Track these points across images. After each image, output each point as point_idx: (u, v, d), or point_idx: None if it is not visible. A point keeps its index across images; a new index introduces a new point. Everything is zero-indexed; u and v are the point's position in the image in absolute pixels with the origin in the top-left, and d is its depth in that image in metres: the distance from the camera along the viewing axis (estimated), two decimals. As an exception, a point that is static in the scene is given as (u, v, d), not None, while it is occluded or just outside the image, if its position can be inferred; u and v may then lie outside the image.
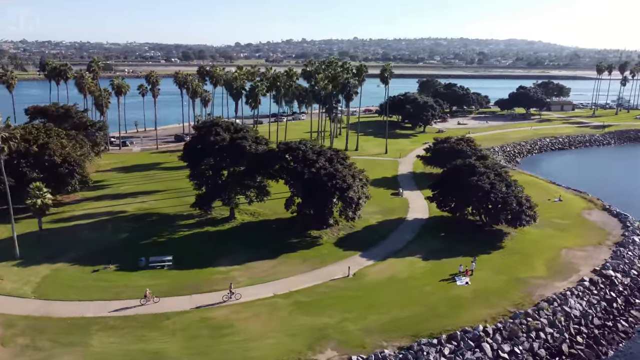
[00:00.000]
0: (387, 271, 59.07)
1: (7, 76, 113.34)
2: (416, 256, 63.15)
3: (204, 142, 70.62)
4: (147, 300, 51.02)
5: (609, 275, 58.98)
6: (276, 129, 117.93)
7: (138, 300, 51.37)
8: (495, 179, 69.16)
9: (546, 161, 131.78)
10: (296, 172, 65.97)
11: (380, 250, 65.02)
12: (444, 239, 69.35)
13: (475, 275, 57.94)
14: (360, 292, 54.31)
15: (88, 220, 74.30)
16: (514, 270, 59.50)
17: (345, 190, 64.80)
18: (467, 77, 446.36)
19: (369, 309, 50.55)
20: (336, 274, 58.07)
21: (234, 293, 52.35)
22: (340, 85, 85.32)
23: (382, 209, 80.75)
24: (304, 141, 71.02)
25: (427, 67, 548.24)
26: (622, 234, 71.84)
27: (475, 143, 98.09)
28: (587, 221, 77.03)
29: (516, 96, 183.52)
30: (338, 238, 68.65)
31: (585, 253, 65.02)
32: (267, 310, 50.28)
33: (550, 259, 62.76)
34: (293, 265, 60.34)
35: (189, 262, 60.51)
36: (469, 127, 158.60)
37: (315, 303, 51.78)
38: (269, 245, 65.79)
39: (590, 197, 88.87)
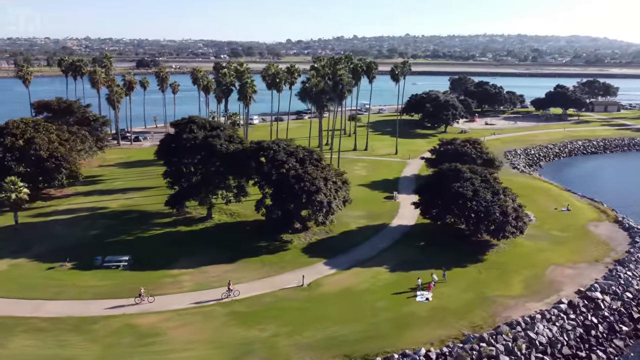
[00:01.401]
0: (345, 282, 55.17)
1: (23, 71, 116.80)
2: (384, 266, 58.83)
3: (178, 139, 68.90)
4: (141, 299, 49.95)
5: (594, 297, 52.55)
6: (277, 128, 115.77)
7: (76, 301, 50.22)
8: (480, 186, 63.58)
9: (574, 166, 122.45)
10: (265, 172, 63.01)
11: (348, 258, 61.08)
12: (422, 248, 64.51)
13: (440, 291, 53.12)
14: (308, 304, 50.78)
15: (67, 215, 74.32)
16: (485, 287, 54.15)
17: (312, 193, 61.26)
18: (516, 75, 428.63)
19: (309, 323, 47.01)
20: (290, 283, 54.76)
21: (232, 290, 51.29)
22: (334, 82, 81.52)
23: (368, 214, 76.54)
24: (277, 140, 68.05)
25: (476, 64, 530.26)
26: (627, 250, 64.50)
27: (483, 145, 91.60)
28: (590, 234, 69.81)
29: (552, 95, 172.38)
30: (308, 243, 65.24)
31: (575, 271, 58.54)
32: (201, 319, 47.71)
33: (532, 276, 56.82)
34: (249, 271, 57.54)
35: (146, 263, 58.94)
36: (496, 128, 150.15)
37: (254, 314, 48.74)
38: (234, 247, 63.36)
39: (604, 207, 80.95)
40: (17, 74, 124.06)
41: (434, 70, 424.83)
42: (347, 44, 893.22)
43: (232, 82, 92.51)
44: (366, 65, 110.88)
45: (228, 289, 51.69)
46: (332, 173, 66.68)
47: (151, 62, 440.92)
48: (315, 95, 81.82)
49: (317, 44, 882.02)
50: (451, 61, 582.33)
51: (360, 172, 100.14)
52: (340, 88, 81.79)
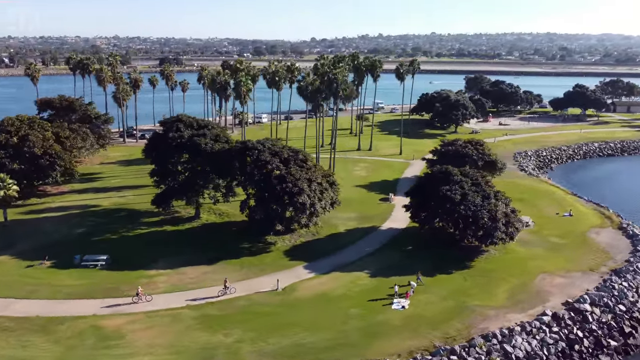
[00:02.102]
0: (321, 287, 53.60)
1: (31, 69, 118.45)
2: (365, 271, 57.05)
3: (165, 138, 68.33)
4: (138, 298, 49.69)
5: (582, 309, 49.74)
6: (287, 126, 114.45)
7: (48, 300, 49.95)
8: (470, 189, 61.14)
9: (587, 169, 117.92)
10: (247, 173, 61.85)
11: (330, 262, 59.44)
12: (408, 253, 62.51)
13: (419, 298, 51.11)
14: (279, 309, 49.41)
15: (58, 213, 74.57)
16: (467, 295, 51.88)
17: (295, 194, 59.80)
18: (542, 74, 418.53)
19: (277, 329, 45.63)
20: (266, 286, 53.49)
21: (228, 287, 51.34)
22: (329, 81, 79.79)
23: (360, 216, 74.73)
24: (263, 140, 66.86)
25: (501, 63, 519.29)
26: (627, 259, 61.20)
27: (485, 147, 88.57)
28: (590, 241, 66.55)
29: (571, 95, 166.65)
30: (292, 246, 63.86)
31: (567, 280, 55.68)
32: (168, 322, 46.78)
33: (518, 285, 54.24)
34: (227, 273, 56.29)
35: (125, 263, 58.46)
36: (509, 129, 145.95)
37: (224, 318, 47.62)
38: (217, 248, 62.48)
39: (610, 213, 77.26)
40: (25, 72, 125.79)
41: (457, 69, 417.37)
42: (372, 43, 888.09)
43: (226, 80, 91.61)
44: (370, 63, 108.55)
45: (224, 287, 51.58)
46: (318, 174, 65.07)
47: (174, 60, 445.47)
48: (311, 94, 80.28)
49: (341, 43, 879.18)
50: (476, 60, 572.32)
51: (359, 173, 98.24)
52: (335, 87, 79.99)
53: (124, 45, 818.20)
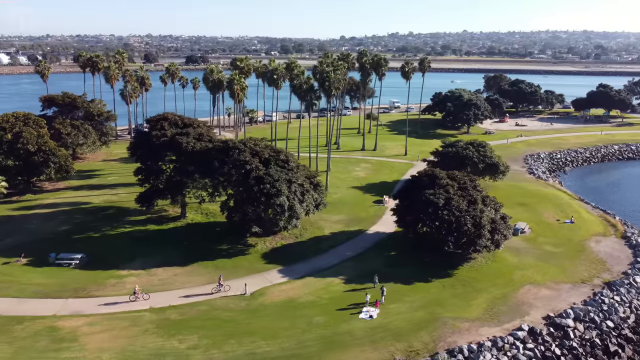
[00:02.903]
0: (290, 293, 51.70)
1: (41, 67, 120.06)
2: (340, 277, 54.89)
3: (149, 136, 67.56)
4: (136, 297, 49.39)
5: (563, 325, 46.49)
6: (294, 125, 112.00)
7: (13, 299, 49.56)
8: (456, 194, 58.19)
9: (603, 172, 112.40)
10: (225, 173, 60.39)
11: (307, 266, 57.50)
12: (390, 259, 59.97)
13: (389, 308, 48.70)
14: (242, 315, 47.77)
15: (48, 209, 74.71)
16: (442, 305, 49.17)
17: (272, 196, 58.05)
18: (573, 73, 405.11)
19: (235, 336, 43.98)
20: (235, 290, 51.81)
21: (222, 285, 51.10)
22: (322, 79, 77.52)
23: (350, 218, 72.54)
24: (246, 140, 65.32)
25: (532, 62, 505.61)
26: (625, 271, 57.29)
27: (488, 148, 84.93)
28: (588, 251, 62.66)
29: (594, 95, 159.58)
30: (272, 248, 62.17)
31: (554, 293, 52.29)
32: (126, 325, 45.62)
33: (499, 296, 51.18)
34: (198, 275, 55.19)
35: (100, 262, 57.87)
36: (526, 129, 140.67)
37: (183, 322, 46.24)
38: (195, 249, 61.39)
39: (615, 220, 72.92)
40: (35, 70, 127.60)
41: (484, 68, 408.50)
42: (401, 41, 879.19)
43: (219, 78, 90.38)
44: (375, 62, 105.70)
45: (219, 284, 51.33)
46: (301, 175, 63.09)
47: (200, 59, 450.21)
48: (304, 92, 78.31)
49: (370, 41, 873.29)
50: (506, 58, 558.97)
51: (359, 174, 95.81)
52: (327, 85, 77.79)
53: (156, 43, 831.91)
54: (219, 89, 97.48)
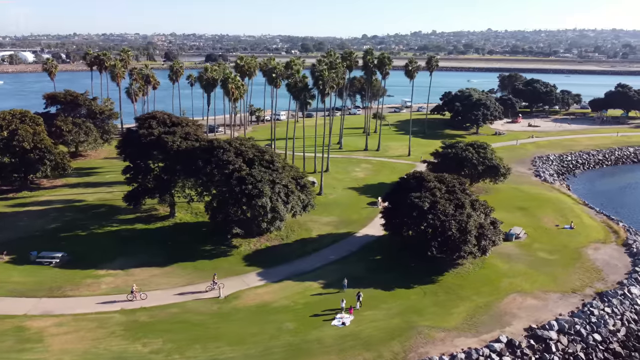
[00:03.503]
0: (265, 297, 50.45)
1: (48, 64, 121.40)
2: (319, 281, 53.44)
3: (136, 134, 67.12)
4: (133, 296, 49.27)
5: (545, 337, 44.19)
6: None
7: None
8: (443, 197, 56.14)
9: (615, 176, 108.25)
10: (207, 173, 59.50)
11: (287, 269, 56.19)
12: (373, 263, 58.27)
13: (364, 315, 47.09)
14: (212, 319, 46.72)
15: (41, 207, 75.00)
16: (419, 314, 47.32)
17: (254, 197, 56.88)
18: (597, 72, 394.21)
19: (201, 341, 42.96)
20: (209, 293, 50.94)
21: (216, 283, 50.83)
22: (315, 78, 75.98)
23: (340, 220, 71.02)
24: (232, 139, 64.38)
25: (556, 61, 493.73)
26: (620, 281, 54.46)
27: (488, 150, 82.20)
28: (584, 258, 59.84)
29: (612, 96, 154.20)
30: (255, 250, 61.08)
31: (540, 302, 49.90)
32: (94, 327, 45.02)
33: (482, 305, 49.05)
34: (176, 277, 54.43)
35: (80, 261, 57.62)
36: (539, 130, 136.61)
37: (151, 325, 45.44)
38: (178, 249, 60.75)
39: (618, 227, 69.72)
40: (43, 68, 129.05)
41: (505, 67, 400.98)
42: (424, 39, 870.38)
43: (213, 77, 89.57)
44: (379, 60, 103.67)
45: (213, 282, 51.09)
46: (286, 176, 61.79)
47: (220, 57, 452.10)
48: (297, 91, 76.84)
49: (391, 39, 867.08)
50: (530, 57, 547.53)
51: (357, 174, 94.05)
52: (321, 84, 76.23)
53: (179, 42, 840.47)
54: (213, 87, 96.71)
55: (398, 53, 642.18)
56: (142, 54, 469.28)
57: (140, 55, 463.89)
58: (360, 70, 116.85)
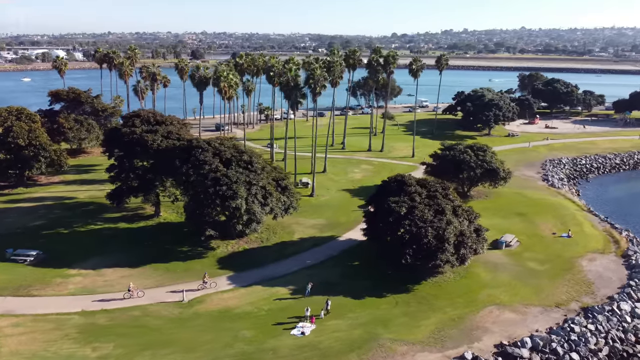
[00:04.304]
0: (230, 302, 48.96)
1: (58, 62, 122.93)
2: (290, 287, 51.67)
3: (120, 133, 66.61)
4: (130, 294, 49.18)
5: (516, 355, 41.29)
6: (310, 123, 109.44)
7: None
8: (422, 202, 53.56)
9: (631, 181, 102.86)
10: (183, 173, 58.37)
11: (260, 273, 54.58)
12: (350, 269, 56.16)
13: (327, 324, 45.10)
14: (170, 324, 45.47)
15: (32, 203, 75.37)
16: (385, 325, 44.99)
17: (228, 198, 55.45)
18: (632, 72, 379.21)
19: (153, 347, 41.70)
20: (174, 296, 49.75)
21: (207, 282, 50.97)
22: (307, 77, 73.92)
23: (327, 223, 69.08)
24: (212, 139, 63.17)
25: (590, 60, 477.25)
26: (611, 295, 50.88)
27: (488, 153, 78.75)
28: (576, 270, 56.26)
29: (637, 96, 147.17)
30: (231, 252, 59.68)
31: (518, 316, 46.89)
32: (49, 328, 44.31)
33: (454, 317, 46.38)
34: (146, 278, 53.43)
35: (54, 260, 57.21)
36: (556, 132, 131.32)
37: (107, 328, 44.48)
38: (155, 250, 59.85)
39: (620, 236, 65.60)
40: (52, 65, 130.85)
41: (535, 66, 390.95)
42: (455, 38, 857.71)
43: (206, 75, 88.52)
44: (383, 59, 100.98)
45: (203, 281, 51.00)
46: (265, 177, 60.16)
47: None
48: (289, 90, 75.00)
49: (421, 38, 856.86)
50: (563, 56, 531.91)
51: (355, 176, 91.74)
52: (312, 83, 74.22)
53: (209, 40, 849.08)
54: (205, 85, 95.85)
55: (426, 52, 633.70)
56: (169, 52, 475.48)
57: (167, 53, 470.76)
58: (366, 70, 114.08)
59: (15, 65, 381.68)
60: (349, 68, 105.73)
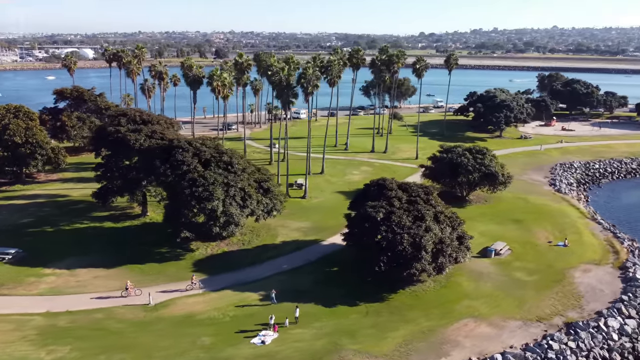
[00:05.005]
0: (197, 306, 47.67)
1: (67, 60, 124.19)
2: (260, 292, 50.06)
3: (106, 132, 66.25)
4: (128, 292, 49.21)
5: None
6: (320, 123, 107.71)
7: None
8: (402, 207, 51.31)
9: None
10: (161, 173, 57.48)
11: (233, 277, 53.27)
12: (326, 275, 54.28)
13: (290, 333, 43.44)
14: (131, 328, 44.47)
15: (25, 201, 75.84)
16: (351, 336, 43.01)
17: (203, 200, 54.29)
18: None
19: (108, 351, 40.71)
20: (142, 299, 48.78)
21: (195, 283, 50.53)
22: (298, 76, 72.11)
23: (314, 226, 67.40)
24: (194, 139, 62.12)
25: (624, 60, 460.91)
26: (600, 310, 47.69)
27: (487, 156, 75.61)
28: (567, 281, 53.09)
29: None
30: (209, 255, 58.52)
31: (494, 331, 44.28)
32: (9, 329, 43.79)
33: (426, 329, 44.07)
34: (118, 280, 52.53)
35: (32, 258, 57.07)
36: (572, 135, 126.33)
37: (67, 331, 43.75)
38: (134, 250, 59.08)
39: (621, 247, 61.84)
40: (62, 64, 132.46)
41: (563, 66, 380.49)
42: (483, 37, 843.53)
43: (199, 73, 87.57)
44: (387, 59, 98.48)
45: (191, 282, 50.63)
46: (246, 178, 58.76)
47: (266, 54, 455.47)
48: (280, 89, 73.31)
49: (449, 37, 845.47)
50: (595, 56, 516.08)
51: (353, 177, 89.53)
52: (303, 82, 72.48)
53: (236, 39, 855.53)
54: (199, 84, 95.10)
55: (452, 52, 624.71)
56: (193, 51, 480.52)
57: (191, 52, 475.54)
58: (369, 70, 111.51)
59: (45, 64, 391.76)
60: (352, 68, 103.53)
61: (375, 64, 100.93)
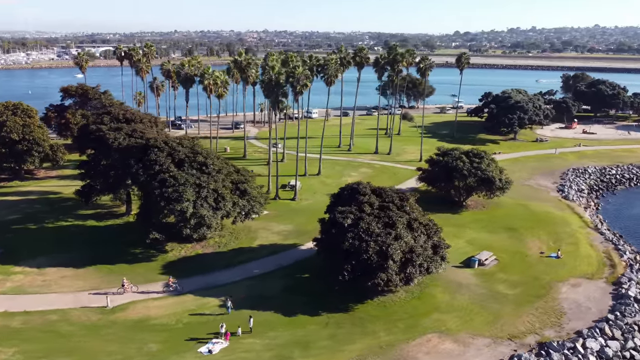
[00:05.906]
0: (153, 311, 46.41)
1: (79, 59, 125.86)
2: (221, 298, 48.30)
3: (88, 130, 65.99)
4: (124, 289, 49.33)
5: (436, 395, 36.09)
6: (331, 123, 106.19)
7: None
8: (372, 213, 48.76)
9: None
10: (132, 173, 56.63)
11: (199, 281, 51.81)
12: (295, 281, 52.20)
13: (241, 343, 41.69)
14: (83, 330, 43.55)
15: (18, 197, 76.63)
16: (305, 348, 40.94)
17: (172, 201, 53.04)
18: None
19: (52, 355, 39.95)
20: (100, 301, 47.85)
21: (172, 285, 50.06)
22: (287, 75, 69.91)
23: (296, 229, 65.51)
24: (171, 139, 60.95)
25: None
26: (580, 330, 44.05)
27: (484, 160, 71.92)
28: (551, 296, 49.44)
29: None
30: (181, 257, 57.31)
31: (458, 349, 41.34)
32: (-37, 329, 43.66)
33: (384, 344, 41.52)
34: (84, 280, 52.03)
35: (8, 256, 57.01)
36: (591, 138, 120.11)
37: (18, 332, 43.14)
38: (108, 250, 58.38)
39: (620, 260, 57.46)
40: (74, 62, 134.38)
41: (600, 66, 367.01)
42: (520, 36, 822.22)
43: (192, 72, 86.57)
44: (391, 58, 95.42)
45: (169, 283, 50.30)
46: (220, 179, 57.26)
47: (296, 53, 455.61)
48: (270, 89, 71.36)
49: (485, 36, 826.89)
50: (636, 56, 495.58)
51: (350, 179, 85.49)
52: (292, 81, 70.43)
53: (269, 38, 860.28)
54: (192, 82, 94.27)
55: (486, 50, 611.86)
56: (223, 50, 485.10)
57: (221, 51, 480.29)
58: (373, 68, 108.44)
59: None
60: (357, 66, 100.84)
61: (379, 62, 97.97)
